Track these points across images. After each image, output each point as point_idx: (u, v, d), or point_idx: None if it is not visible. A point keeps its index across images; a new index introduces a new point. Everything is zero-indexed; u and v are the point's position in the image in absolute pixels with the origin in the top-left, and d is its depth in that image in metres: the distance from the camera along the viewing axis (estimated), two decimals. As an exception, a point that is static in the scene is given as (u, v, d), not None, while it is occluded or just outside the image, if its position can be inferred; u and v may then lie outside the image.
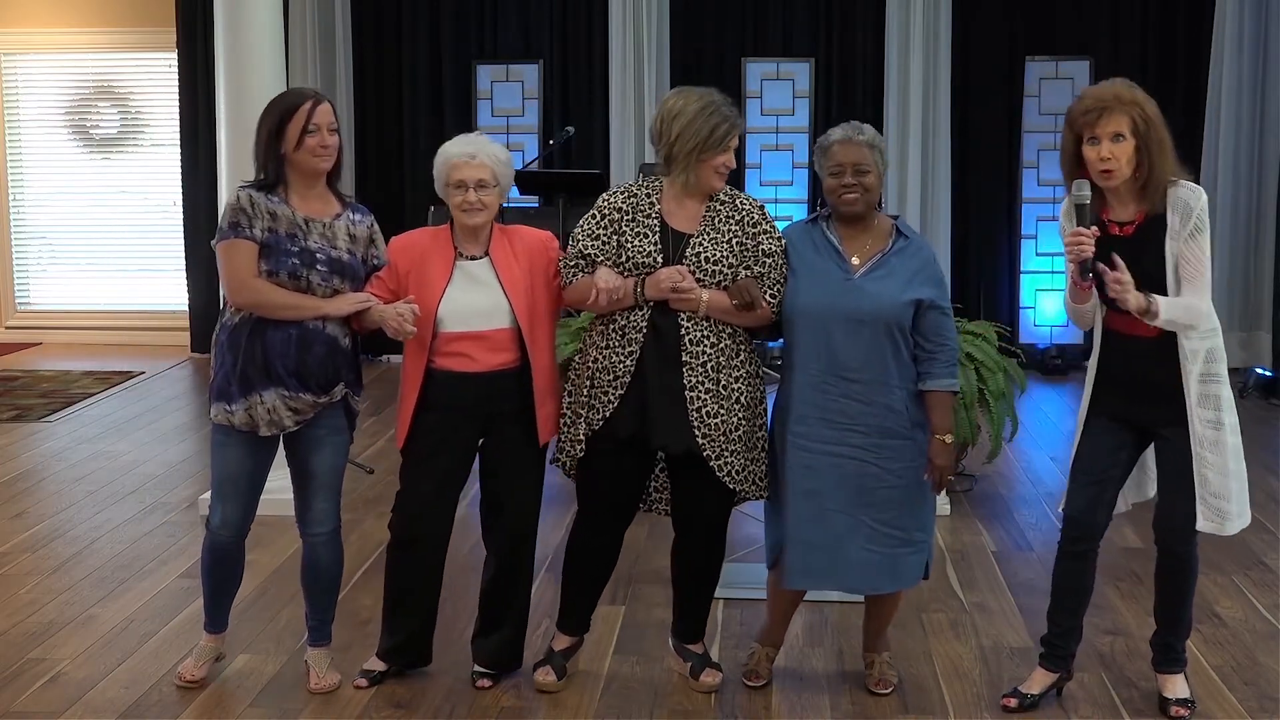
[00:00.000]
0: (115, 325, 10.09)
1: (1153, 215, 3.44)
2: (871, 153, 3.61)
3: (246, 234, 3.56)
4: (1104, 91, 3.44)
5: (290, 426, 3.65)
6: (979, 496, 5.83)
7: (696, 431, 3.58)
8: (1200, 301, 3.42)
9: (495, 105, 9.33)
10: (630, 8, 8.97)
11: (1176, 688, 3.69)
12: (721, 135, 3.59)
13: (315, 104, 3.60)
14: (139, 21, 9.83)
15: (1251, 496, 5.79)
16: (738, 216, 3.65)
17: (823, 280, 3.60)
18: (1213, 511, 3.50)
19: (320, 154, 3.60)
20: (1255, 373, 8.15)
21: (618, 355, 3.62)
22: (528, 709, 3.76)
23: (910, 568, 3.69)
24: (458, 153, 3.69)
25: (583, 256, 3.67)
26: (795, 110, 9.06)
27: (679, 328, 3.59)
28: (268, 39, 5.50)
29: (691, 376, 3.58)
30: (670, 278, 3.55)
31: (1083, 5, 8.98)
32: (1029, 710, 3.71)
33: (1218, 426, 3.49)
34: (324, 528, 3.80)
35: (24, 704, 3.78)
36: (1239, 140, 8.70)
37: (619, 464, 3.67)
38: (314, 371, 3.62)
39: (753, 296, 3.57)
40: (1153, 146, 3.39)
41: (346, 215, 3.70)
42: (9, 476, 6.28)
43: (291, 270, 3.57)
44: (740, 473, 3.65)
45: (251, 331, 3.60)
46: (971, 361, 5.42)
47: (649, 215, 3.65)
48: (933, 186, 8.98)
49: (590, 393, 3.66)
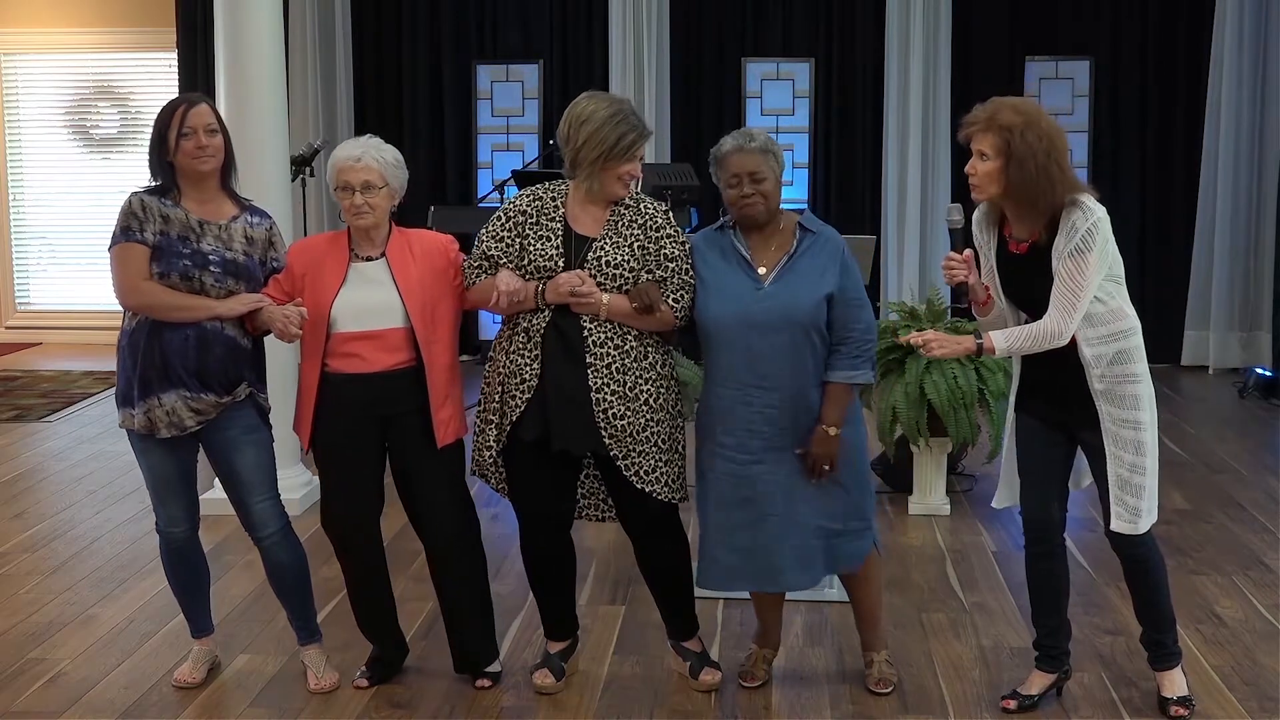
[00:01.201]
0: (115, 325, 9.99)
1: (1045, 236, 3.45)
2: (765, 158, 3.60)
3: (137, 237, 3.58)
4: (984, 109, 3.47)
5: (192, 427, 3.64)
6: (979, 496, 5.83)
7: (603, 432, 3.58)
8: (1053, 327, 3.39)
9: (495, 105, 9.33)
10: (630, 8, 8.97)
11: (1174, 685, 3.69)
12: (628, 145, 3.60)
13: (189, 107, 3.62)
14: (139, 21, 9.84)
15: (1252, 497, 5.85)
16: (641, 221, 3.65)
17: (733, 291, 3.59)
18: (1128, 512, 3.49)
19: (198, 156, 3.60)
20: (1255, 373, 8.15)
21: (523, 358, 3.61)
22: (528, 709, 3.76)
23: (849, 554, 3.70)
24: (344, 156, 3.67)
25: (485, 258, 3.67)
26: (795, 110, 9.06)
27: (582, 330, 3.58)
28: (268, 39, 5.50)
29: (597, 378, 3.58)
30: (569, 282, 3.55)
31: (1083, 5, 8.98)
32: (1029, 711, 3.71)
33: (1137, 427, 3.47)
34: (271, 527, 3.80)
35: (24, 704, 3.78)
36: (1239, 140, 8.69)
37: (538, 468, 3.67)
38: (214, 372, 3.62)
39: (651, 300, 3.56)
40: (1020, 172, 3.37)
41: (244, 218, 3.71)
42: (9, 476, 6.29)
43: (183, 272, 3.58)
44: (650, 473, 3.63)
45: (149, 335, 3.61)
46: (971, 361, 5.43)
47: (552, 219, 3.65)
48: (933, 186, 8.97)
49: (501, 398, 3.65)
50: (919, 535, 5.32)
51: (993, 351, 3.44)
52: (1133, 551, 3.57)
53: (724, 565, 3.66)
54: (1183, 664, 3.73)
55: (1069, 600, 3.79)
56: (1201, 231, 8.78)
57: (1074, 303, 3.39)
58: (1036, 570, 3.72)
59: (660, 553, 3.82)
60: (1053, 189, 3.39)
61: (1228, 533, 5.34)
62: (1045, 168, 3.37)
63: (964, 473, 6.00)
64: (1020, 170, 3.38)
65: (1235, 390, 8.13)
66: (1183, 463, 6.46)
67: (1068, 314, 3.39)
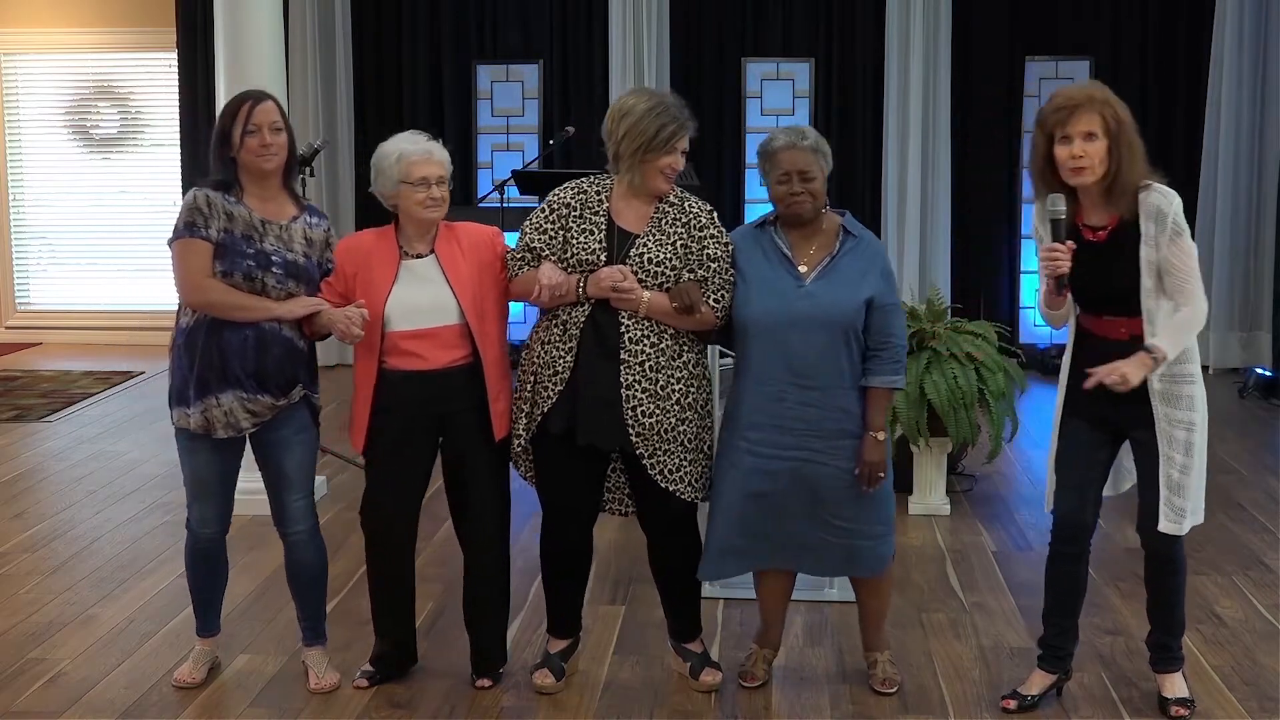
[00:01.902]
0: (115, 325, 10.09)
1: (1126, 220, 3.44)
2: (816, 158, 3.62)
3: (202, 234, 3.56)
4: (1076, 91, 3.45)
5: (247, 429, 3.64)
6: (979, 496, 5.83)
7: (630, 430, 3.58)
8: (1195, 309, 3.41)
9: (495, 105, 9.33)
10: (630, 8, 8.97)
11: (1175, 687, 3.69)
12: (667, 136, 3.58)
13: (255, 104, 3.58)
14: (139, 21, 9.83)
15: (1252, 497, 5.85)
16: (685, 219, 3.65)
17: (774, 289, 3.60)
18: (1175, 513, 3.49)
19: (262, 154, 3.58)
20: (1255, 373, 8.14)
21: (558, 350, 3.62)
22: (528, 709, 3.76)
23: (868, 557, 3.70)
24: (414, 150, 3.67)
25: (529, 250, 3.67)
26: (795, 110, 9.05)
27: (619, 325, 3.58)
28: (268, 39, 5.50)
29: (628, 375, 3.58)
30: (611, 277, 3.55)
31: (1083, 5, 8.98)
32: (1029, 711, 3.71)
33: (1190, 428, 3.47)
34: (302, 525, 3.81)
35: (24, 704, 3.78)
36: (1239, 140, 8.69)
37: (567, 461, 3.67)
38: (272, 373, 3.62)
39: (693, 300, 3.56)
40: (1123, 148, 3.39)
41: (304, 218, 3.70)
42: (9, 476, 6.29)
43: (246, 272, 3.57)
44: (674, 472, 3.64)
45: (208, 334, 3.59)
46: (971, 361, 5.42)
47: (596, 213, 3.65)
48: (933, 186, 8.97)
49: (534, 388, 3.66)
50: (919, 535, 5.32)
51: (1165, 358, 3.37)
52: (1167, 551, 3.58)
53: (736, 549, 3.65)
54: (1184, 669, 3.73)
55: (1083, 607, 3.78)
56: (1201, 231, 8.77)
57: (1194, 281, 3.41)
58: (1060, 571, 3.70)
59: (676, 552, 3.82)
60: (1140, 161, 3.41)
61: (1228, 533, 5.34)
62: (1134, 144, 3.39)
63: (964, 473, 5.99)
64: (1128, 149, 3.38)
65: (1235, 390, 8.13)
66: (1183, 463, 6.45)
67: (1197, 295, 3.41)
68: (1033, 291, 9.15)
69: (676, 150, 3.61)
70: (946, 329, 5.55)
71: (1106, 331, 3.51)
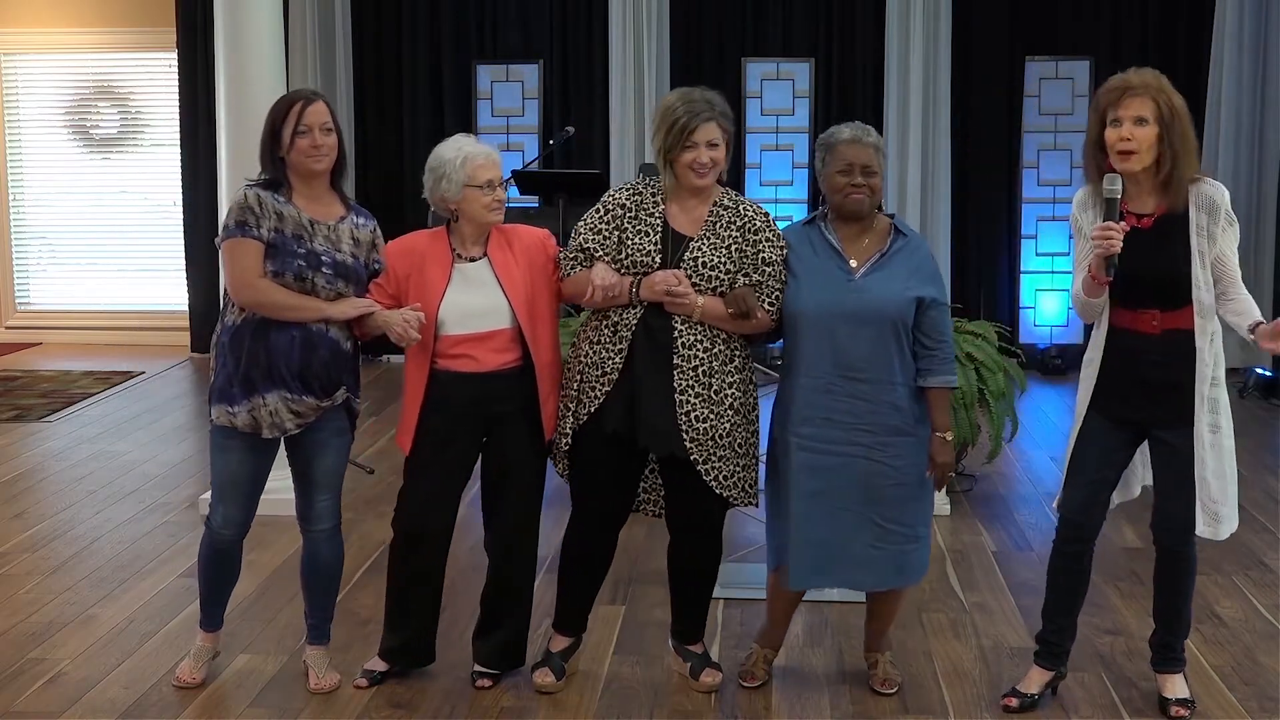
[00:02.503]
0: (115, 325, 10.09)
1: (1173, 210, 3.43)
2: (878, 155, 3.65)
3: (254, 233, 3.55)
4: (1132, 75, 3.45)
5: (291, 429, 3.64)
6: (979, 496, 5.83)
7: (684, 435, 3.57)
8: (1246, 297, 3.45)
9: (495, 105, 9.32)
10: (630, 8, 8.97)
11: (1176, 688, 3.69)
12: (681, 129, 3.53)
13: (306, 104, 3.57)
14: (139, 21, 9.83)
15: (1252, 497, 5.85)
16: (740, 223, 3.63)
17: (824, 281, 3.60)
18: (1210, 517, 3.49)
19: (312, 154, 3.57)
20: (1255, 373, 8.15)
21: (608, 351, 3.61)
22: (528, 709, 3.76)
23: (915, 564, 3.70)
24: (478, 153, 3.67)
25: (582, 250, 3.66)
26: (795, 110, 9.06)
27: (672, 330, 3.57)
28: (268, 39, 5.50)
29: (682, 379, 3.57)
30: (666, 281, 3.54)
31: (1083, 5, 8.98)
32: (1030, 709, 3.71)
33: (1215, 430, 3.48)
34: (326, 524, 3.81)
35: (24, 704, 3.78)
36: (1239, 140, 8.70)
37: (607, 461, 3.67)
38: (318, 374, 3.62)
39: (749, 306, 3.55)
40: (1175, 138, 3.39)
41: (350, 218, 3.70)
42: (9, 476, 6.28)
43: (297, 272, 3.56)
44: (729, 479, 3.64)
45: (255, 333, 3.59)
46: (971, 361, 5.42)
47: (651, 215, 3.63)
48: (933, 186, 8.98)
49: (579, 387, 3.66)
50: (919, 535, 5.31)
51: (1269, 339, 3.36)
52: (1181, 550, 3.57)
53: (809, 561, 3.63)
54: (1185, 671, 3.73)
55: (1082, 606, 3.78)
56: (1201, 231, 8.78)
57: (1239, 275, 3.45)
58: (1063, 569, 3.70)
59: (701, 556, 3.81)
60: (1193, 155, 3.42)
61: (1228, 533, 5.34)
62: (1188, 136, 3.40)
63: (964, 473, 5.99)
64: (1174, 137, 3.38)
65: (1235, 390, 8.11)
66: (1183, 463, 6.45)
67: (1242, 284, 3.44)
68: (1033, 291, 9.15)
69: (698, 145, 3.55)
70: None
71: (1139, 325, 3.49)
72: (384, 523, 3.96)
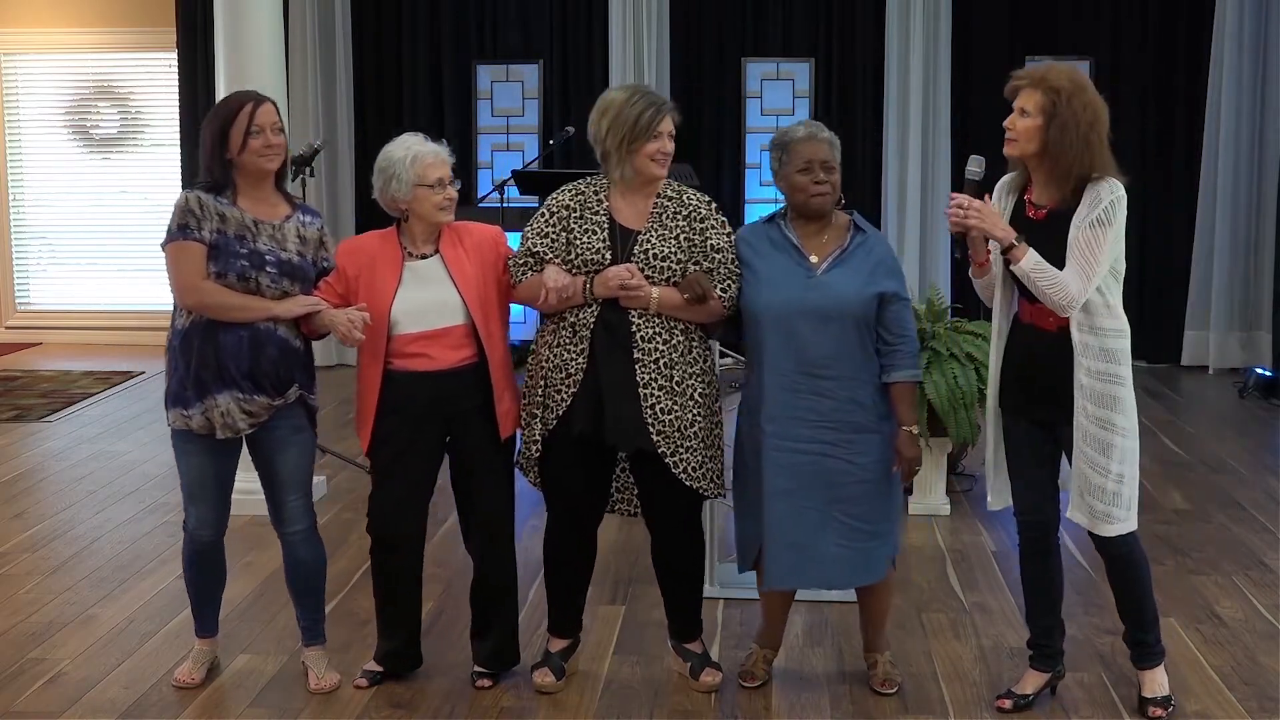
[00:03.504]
0: (115, 325, 10.09)
1: (1062, 205, 3.45)
2: (834, 151, 3.65)
3: (195, 235, 3.57)
4: (1037, 69, 3.51)
5: (245, 429, 3.64)
6: (979, 496, 5.83)
7: (650, 428, 3.58)
8: (1076, 283, 3.38)
9: (495, 105, 9.32)
10: (630, 8, 8.96)
11: (1156, 684, 3.68)
12: (648, 121, 3.57)
13: (257, 105, 3.59)
14: (139, 21, 9.83)
15: (1252, 497, 5.84)
16: (685, 212, 3.65)
17: (785, 279, 3.60)
18: (1084, 507, 3.50)
19: (266, 154, 3.59)
20: (1255, 373, 8.14)
21: (569, 353, 3.62)
22: (528, 709, 3.76)
23: (879, 560, 3.70)
24: (428, 152, 3.69)
25: (531, 255, 3.66)
26: (795, 110, 9.05)
27: (630, 324, 3.58)
28: (268, 39, 5.50)
29: (645, 373, 3.58)
30: (619, 275, 3.55)
31: (1083, 5, 8.98)
32: (1024, 710, 3.72)
33: (1107, 426, 3.46)
34: (300, 524, 3.81)
35: (24, 704, 3.78)
36: (1239, 140, 8.69)
37: (577, 463, 3.67)
38: (267, 373, 3.62)
39: (703, 290, 3.57)
40: (1060, 135, 3.39)
41: (296, 217, 3.70)
42: (9, 476, 6.28)
43: (240, 272, 3.57)
44: (697, 469, 3.64)
45: (203, 334, 3.60)
46: (971, 361, 5.42)
47: (596, 212, 3.64)
48: (933, 186, 8.97)
49: (544, 392, 3.66)
50: (919, 535, 5.31)
51: (1017, 261, 3.39)
52: (1110, 550, 3.58)
53: (784, 563, 3.64)
54: (1166, 663, 3.72)
55: (1064, 599, 3.79)
56: (1201, 231, 8.78)
57: (1090, 270, 3.39)
58: (1031, 570, 3.72)
59: (682, 552, 3.82)
60: (1088, 158, 3.41)
61: (1228, 533, 5.34)
62: (1085, 136, 3.40)
63: (964, 473, 5.99)
64: (1061, 133, 3.39)
65: (1235, 390, 8.13)
66: (1183, 463, 6.45)
67: (1084, 280, 3.39)
68: (1032, 291, 9.16)
69: (662, 135, 3.60)
70: (946, 329, 5.55)
71: (1036, 320, 3.52)
72: (384, 523, 3.97)
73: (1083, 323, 3.45)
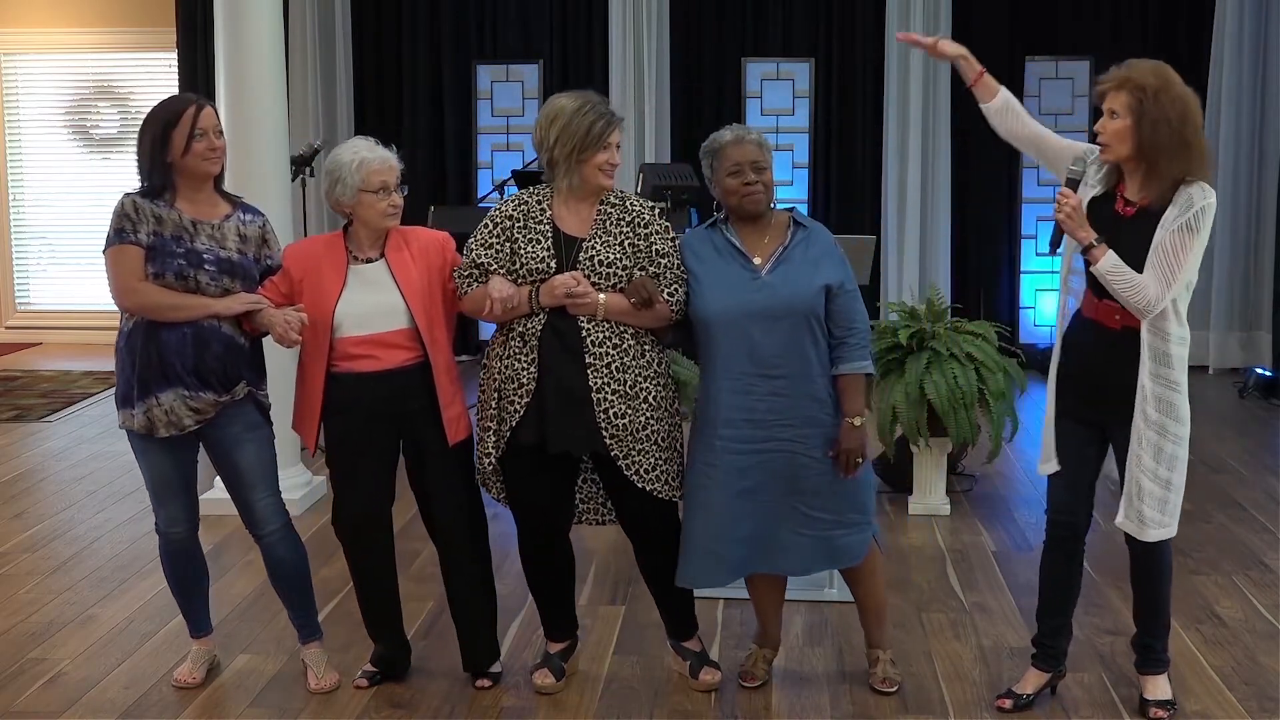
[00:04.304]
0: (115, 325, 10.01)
1: (1153, 205, 3.41)
2: (763, 150, 3.66)
3: (131, 239, 3.58)
4: (1120, 68, 3.46)
5: (190, 426, 3.64)
6: (979, 496, 5.83)
7: (604, 432, 3.57)
8: (1156, 288, 3.35)
9: (495, 105, 9.33)
10: (630, 8, 8.97)
11: (1158, 689, 3.68)
12: (599, 132, 3.58)
13: (199, 108, 3.60)
14: (139, 21, 9.84)
15: (1252, 497, 5.84)
16: (629, 219, 3.65)
17: (731, 283, 3.61)
18: (1134, 513, 3.50)
19: (209, 157, 3.61)
20: (1255, 373, 8.14)
21: (520, 363, 3.60)
22: (528, 709, 3.76)
23: (848, 547, 3.70)
24: (375, 158, 3.69)
25: (476, 266, 3.65)
26: (795, 110, 9.06)
27: (580, 330, 3.58)
28: (268, 39, 5.50)
29: (597, 378, 3.57)
30: (565, 284, 3.54)
31: (1083, 5, 8.98)
32: (1024, 710, 3.72)
33: (1162, 432, 3.46)
34: (273, 524, 3.80)
35: (24, 704, 3.78)
36: (1239, 140, 8.69)
37: (536, 472, 3.66)
38: (213, 369, 3.62)
39: (649, 293, 3.57)
40: (1153, 134, 3.35)
41: (237, 216, 3.71)
42: (9, 476, 6.29)
43: (178, 271, 3.58)
44: (650, 471, 3.63)
45: (146, 335, 3.61)
46: (971, 361, 5.42)
47: (540, 221, 3.64)
48: (933, 186, 8.97)
49: (498, 404, 3.64)
50: (919, 535, 5.32)
51: (1095, 261, 3.35)
52: (1149, 554, 3.58)
53: (727, 559, 3.65)
54: (1169, 673, 3.72)
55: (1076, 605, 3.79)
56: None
57: (1172, 276, 3.35)
58: (1053, 570, 3.71)
59: (659, 552, 3.81)
60: (1184, 157, 3.36)
61: (1228, 533, 5.34)
62: (1179, 132, 3.36)
63: (964, 473, 5.99)
64: (1152, 132, 3.35)
65: (1235, 390, 8.12)
66: (1183, 463, 6.45)
67: (1164, 285, 3.36)
68: (1033, 291, 9.18)
69: (611, 145, 3.61)
70: (946, 329, 5.55)
71: (1102, 317, 3.50)
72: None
73: (1154, 325, 3.43)
